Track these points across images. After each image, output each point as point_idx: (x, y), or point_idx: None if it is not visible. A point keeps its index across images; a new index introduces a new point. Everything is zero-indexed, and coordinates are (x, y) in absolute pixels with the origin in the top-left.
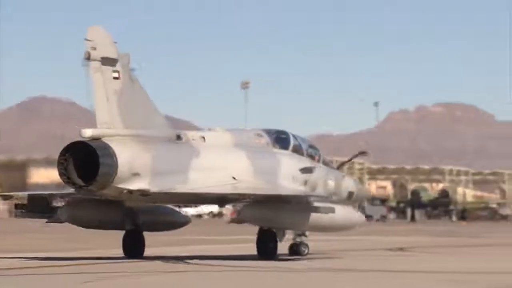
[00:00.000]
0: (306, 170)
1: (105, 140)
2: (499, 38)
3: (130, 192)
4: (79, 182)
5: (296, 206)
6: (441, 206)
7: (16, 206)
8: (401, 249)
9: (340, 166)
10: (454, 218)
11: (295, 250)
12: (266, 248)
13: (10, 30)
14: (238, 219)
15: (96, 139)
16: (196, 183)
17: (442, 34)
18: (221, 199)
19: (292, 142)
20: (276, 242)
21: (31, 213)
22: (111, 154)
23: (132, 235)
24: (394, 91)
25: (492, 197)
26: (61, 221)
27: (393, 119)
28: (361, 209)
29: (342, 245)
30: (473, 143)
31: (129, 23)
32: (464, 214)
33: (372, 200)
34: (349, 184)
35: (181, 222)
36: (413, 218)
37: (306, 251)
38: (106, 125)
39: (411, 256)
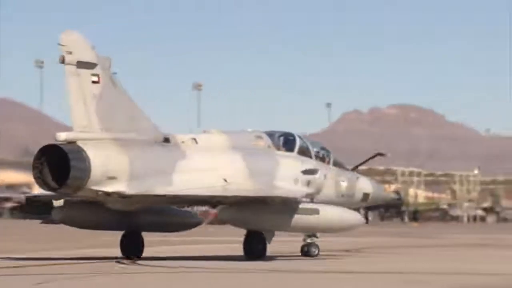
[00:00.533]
0: (308, 172)
1: (80, 143)
2: (442, 41)
3: (107, 194)
4: (53, 185)
5: (277, 207)
6: (393, 208)
7: (15, 207)
8: (358, 250)
9: (355, 167)
10: (406, 219)
11: (306, 251)
12: (253, 249)
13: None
14: (218, 221)
15: (72, 142)
16: (181, 185)
17: (397, 37)
18: (204, 201)
19: (298, 144)
20: (264, 243)
21: (28, 214)
22: (83, 158)
23: (130, 236)
24: (347, 93)
25: (443, 198)
26: (56, 222)
27: (346, 120)
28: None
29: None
30: (426, 144)
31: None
32: (416, 215)
33: None
34: (364, 185)
35: (192, 222)
36: (366, 219)
37: (317, 252)
38: (83, 129)
39: (367, 257)
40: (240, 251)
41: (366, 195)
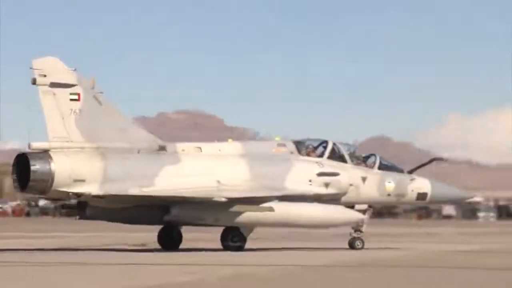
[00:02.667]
0: (325, 174)
1: (51, 151)
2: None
3: (78, 195)
4: (19, 187)
5: (223, 205)
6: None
7: (63, 206)
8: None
9: (412, 171)
10: None
11: (351, 244)
12: (229, 244)
13: None
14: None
15: (46, 150)
16: (162, 187)
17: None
18: (174, 201)
19: (328, 150)
20: (242, 238)
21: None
22: (47, 163)
23: (166, 230)
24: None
25: None
26: (89, 218)
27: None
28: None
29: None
30: None
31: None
32: None
33: None
34: (421, 185)
35: None
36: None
37: (361, 246)
38: (61, 139)
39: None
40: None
41: (422, 194)
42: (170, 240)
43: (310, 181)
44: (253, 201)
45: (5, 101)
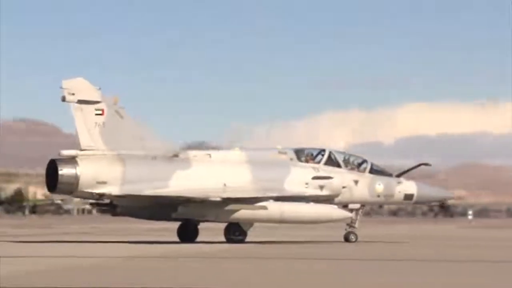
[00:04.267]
0: (319, 178)
1: (78, 158)
2: None
3: (100, 195)
4: (51, 189)
5: (221, 204)
6: (17, 202)
7: (98, 205)
8: None
9: (399, 175)
10: (27, 212)
11: (346, 238)
12: (232, 237)
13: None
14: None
15: (74, 157)
16: (175, 188)
17: None
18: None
19: (325, 157)
20: (243, 232)
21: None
22: (72, 167)
23: (184, 225)
24: None
25: None
26: (119, 215)
27: None
28: None
29: None
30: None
31: None
32: (35, 209)
33: None
34: (407, 187)
35: None
36: None
37: (354, 239)
38: (88, 147)
39: None
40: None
41: (409, 196)
42: (187, 234)
43: (306, 184)
44: (248, 201)
45: None
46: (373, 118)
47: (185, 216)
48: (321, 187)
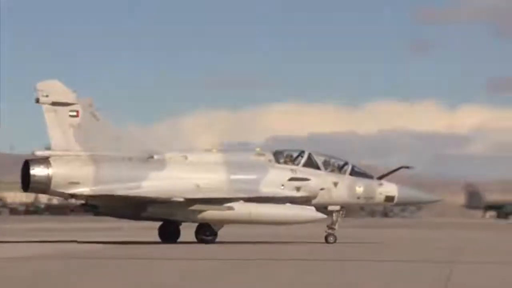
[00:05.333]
0: (295, 179)
1: (51, 158)
2: None
3: (72, 195)
4: (24, 188)
5: (191, 204)
6: None
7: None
8: None
9: (381, 177)
10: None
11: (326, 239)
12: (203, 237)
13: None
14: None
15: (47, 157)
16: (147, 189)
17: None
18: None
19: (304, 159)
20: (213, 232)
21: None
22: (45, 168)
23: (165, 225)
24: None
25: None
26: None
27: None
28: None
29: None
30: None
31: None
32: None
33: None
34: (388, 189)
35: None
36: None
37: (333, 240)
38: (61, 148)
39: None
40: None
41: (390, 198)
42: (168, 235)
43: (282, 185)
44: (216, 202)
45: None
46: (242, 118)
47: (153, 216)
48: (298, 189)
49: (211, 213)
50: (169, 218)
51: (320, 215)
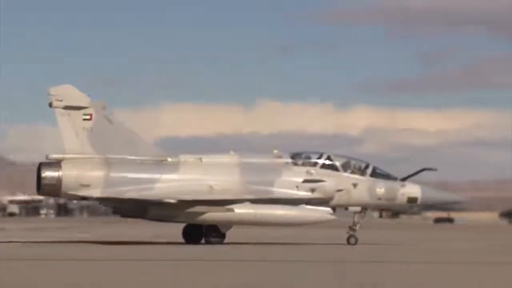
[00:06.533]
0: (310, 181)
1: (63, 161)
2: None
3: (82, 197)
4: (36, 190)
5: (191, 205)
6: None
7: None
8: None
9: (404, 179)
10: None
11: (348, 240)
12: (210, 239)
13: None
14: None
15: (59, 161)
16: (160, 191)
17: None
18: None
19: (321, 161)
20: (220, 233)
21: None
22: (55, 171)
23: (189, 227)
24: None
25: None
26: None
27: None
28: None
29: None
30: None
31: None
32: None
33: None
34: (411, 190)
35: None
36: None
37: (354, 242)
38: (75, 151)
39: None
40: None
41: (412, 199)
42: (192, 236)
43: (297, 187)
44: (217, 203)
45: None
46: (136, 117)
47: (157, 217)
48: (312, 190)
49: (212, 215)
50: (174, 220)
51: (329, 216)
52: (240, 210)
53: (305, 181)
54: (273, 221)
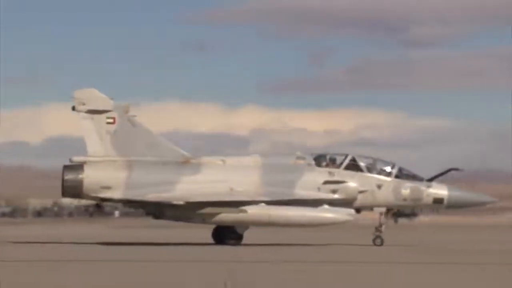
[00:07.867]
0: (331, 182)
1: (86, 164)
2: None
3: (103, 199)
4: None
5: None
6: None
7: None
8: None
9: (431, 179)
10: None
11: (373, 241)
12: (227, 240)
13: None
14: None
15: (82, 163)
16: (181, 192)
17: None
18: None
19: (346, 162)
20: (237, 234)
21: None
22: (77, 173)
23: (219, 228)
24: None
25: None
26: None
27: None
28: None
29: None
30: None
31: None
32: None
33: None
34: (437, 191)
35: None
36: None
37: (380, 243)
38: (99, 154)
39: None
40: None
41: (439, 199)
42: (221, 237)
43: (318, 188)
44: (233, 204)
45: None
46: (19, 116)
47: (173, 219)
48: (334, 191)
49: (226, 216)
50: (189, 221)
51: (347, 217)
52: (254, 211)
53: (326, 182)
54: (287, 222)
